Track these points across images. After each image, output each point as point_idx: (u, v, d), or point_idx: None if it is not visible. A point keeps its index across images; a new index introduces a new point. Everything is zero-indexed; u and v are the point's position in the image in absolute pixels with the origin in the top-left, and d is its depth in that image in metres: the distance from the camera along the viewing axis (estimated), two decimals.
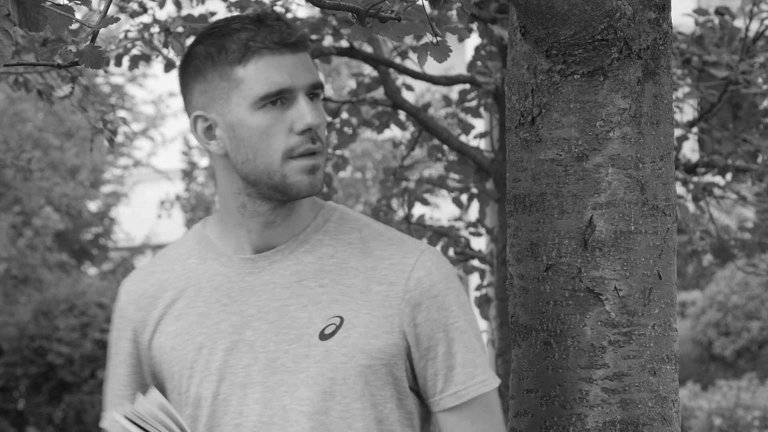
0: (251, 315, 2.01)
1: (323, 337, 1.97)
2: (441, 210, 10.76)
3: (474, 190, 5.23)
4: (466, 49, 14.52)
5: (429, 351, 1.99)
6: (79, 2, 1.88)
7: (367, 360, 1.96)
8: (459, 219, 5.59)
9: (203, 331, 2.03)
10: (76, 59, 1.94)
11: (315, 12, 5.84)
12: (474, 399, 2.00)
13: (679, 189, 5.35)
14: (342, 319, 1.97)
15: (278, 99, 1.96)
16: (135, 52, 4.34)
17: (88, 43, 1.92)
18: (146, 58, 4.36)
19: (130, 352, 2.11)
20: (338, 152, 5.38)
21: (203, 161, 19.38)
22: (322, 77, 2.00)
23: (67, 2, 1.88)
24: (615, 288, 2.16)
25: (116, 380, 2.12)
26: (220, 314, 2.02)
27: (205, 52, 1.99)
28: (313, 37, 4.73)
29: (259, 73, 1.96)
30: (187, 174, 19.05)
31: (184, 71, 2.04)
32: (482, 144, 5.92)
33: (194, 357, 2.03)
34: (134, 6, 4.38)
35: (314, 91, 2.00)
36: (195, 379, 2.03)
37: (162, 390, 2.10)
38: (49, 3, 1.83)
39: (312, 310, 1.98)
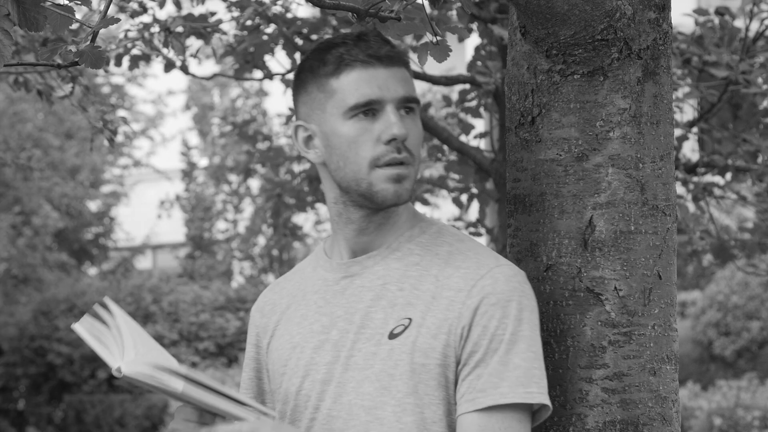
0: (339, 316, 2.11)
1: (392, 336, 2.05)
2: (441, 210, 10.77)
3: (474, 190, 5.23)
4: (466, 49, 14.53)
5: (470, 356, 2.01)
6: (79, 2, 1.87)
7: (422, 358, 2.02)
8: (459, 219, 5.59)
9: (300, 332, 2.15)
10: (76, 59, 1.94)
11: (315, 12, 5.84)
12: (492, 412, 1.98)
13: (679, 189, 5.35)
14: (410, 321, 2.04)
15: (369, 110, 2.06)
16: (135, 52, 4.34)
17: (88, 43, 1.92)
18: (146, 58, 4.36)
19: (253, 357, 2.25)
20: None
21: (202, 161, 19.39)
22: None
23: (67, 2, 1.87)
24: (615, 288, 2.16)
25: (242, 383, 2.27)
26: (314, 315, 2.14)
27: (308, 66, 2.12)
28: (314, 37, 4.73)
29: (351, 85, 2.06)
30: (187, 174, 19.06)
31: (293, 84, 2.17)
32: (482, 144, 5.93)
33: (288, 355, 2.15)
34: (134, 6, 4.38)
35: (407, 104, 2.08)
36: (286, 376, 2.15)
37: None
38: (49, 3, 1.83)
39: (388, 312, 2.06)
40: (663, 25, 2.21)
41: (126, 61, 4.33)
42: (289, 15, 4.60)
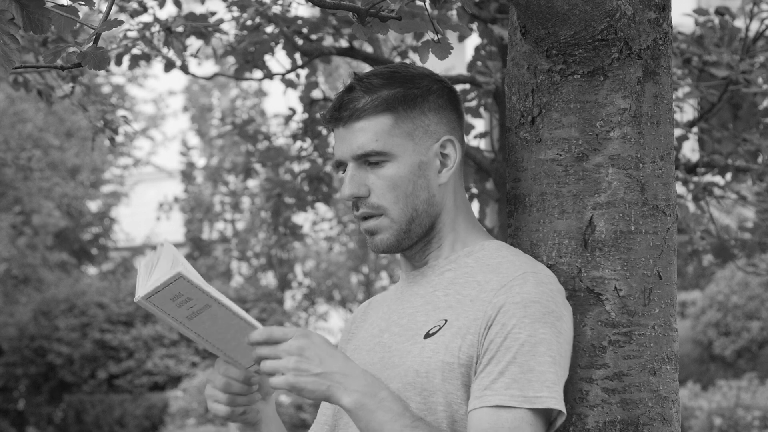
0: (393, 320, 2.16)
1: (426, 336, 2.08)
2: None
3: (474, 190, 5.23)
4: (466, 49, 14.53)
5: (485, 354, 2.01)
6: (82, 2, 1.87)
7: (447, 357, 2.03)
8: None
9: (362, 336, 2.22)
10: (79, 61, 1.94)
11: (315, 11, 5.84)
12: (501, 411, 1.97)
13: (679, 189, 5.35)
14: (446, 321, 2.07)
15: (342, 168, 2.14)
16: (135, 51, 4.34)
17: (91, 44, 1.92)
18: (146, 58, 4.36)
19: None
20: None
21: (201, 161, 19.36)
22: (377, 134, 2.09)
23: (69, 2, 1.88)
24: (615, 288, 2.17)
25: None
26: (377, 321, 2.21)
27: None
28: (313, 37, 4.74)
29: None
30: (186, 175, 19.02)
31: None
32: (482, 144, 5.92)
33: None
34: (134, 5, 4.37)
35: (365, 159, 2.11)
36: None
37: None
38: (51, 4, 1.83)
39: (430, 315, 2.10)
40: (663, 25, 2.22)
41: (126, 61, 4.33)
42: (289, 14, 4.60)
